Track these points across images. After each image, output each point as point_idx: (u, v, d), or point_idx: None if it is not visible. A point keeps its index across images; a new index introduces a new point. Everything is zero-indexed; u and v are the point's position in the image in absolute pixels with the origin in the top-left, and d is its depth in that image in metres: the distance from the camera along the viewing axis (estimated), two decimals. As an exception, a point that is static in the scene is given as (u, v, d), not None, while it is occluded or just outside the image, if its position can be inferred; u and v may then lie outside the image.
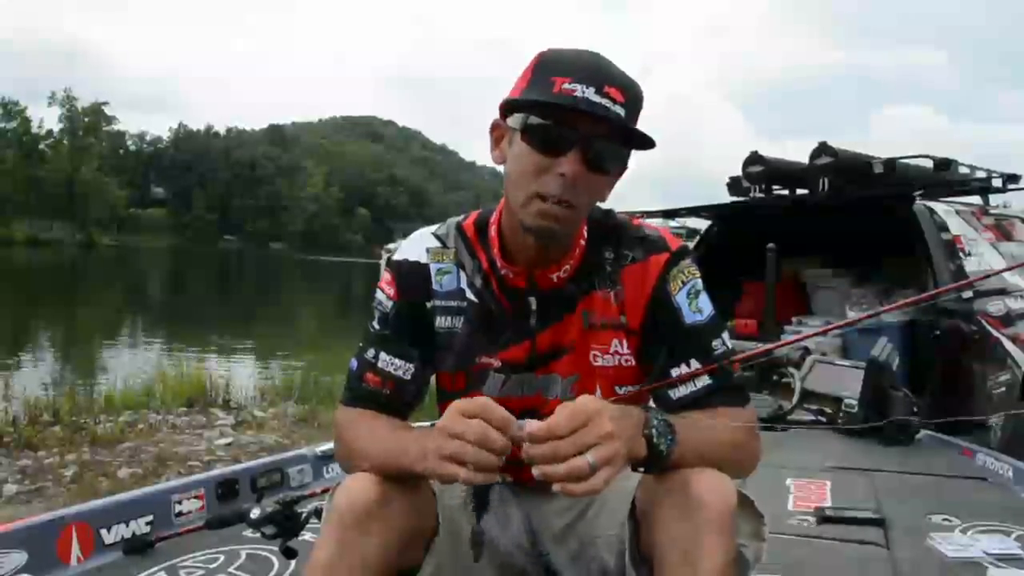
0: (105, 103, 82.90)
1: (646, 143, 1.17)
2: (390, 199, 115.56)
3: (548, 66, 1.14)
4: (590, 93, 1.09)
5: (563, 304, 1.26)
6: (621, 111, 1.11)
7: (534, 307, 1.26)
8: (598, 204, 1.30)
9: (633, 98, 1.14)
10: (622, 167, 1.21)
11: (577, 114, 1.11)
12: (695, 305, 1.25)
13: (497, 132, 1.22)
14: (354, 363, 1.31)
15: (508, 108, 1.18)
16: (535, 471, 0.99)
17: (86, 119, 79.26)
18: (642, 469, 1.12)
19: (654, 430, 1.08)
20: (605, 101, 1.10)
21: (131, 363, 8.61)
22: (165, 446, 4.49)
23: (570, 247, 1.25)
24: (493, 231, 1.28)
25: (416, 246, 1.32)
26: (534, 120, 1.14)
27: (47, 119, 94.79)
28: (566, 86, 1.10)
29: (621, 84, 1.12)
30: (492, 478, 1.01)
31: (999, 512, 2.52)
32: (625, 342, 1.26)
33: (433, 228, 1.35)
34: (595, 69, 1.12)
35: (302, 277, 42.40)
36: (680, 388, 1.22)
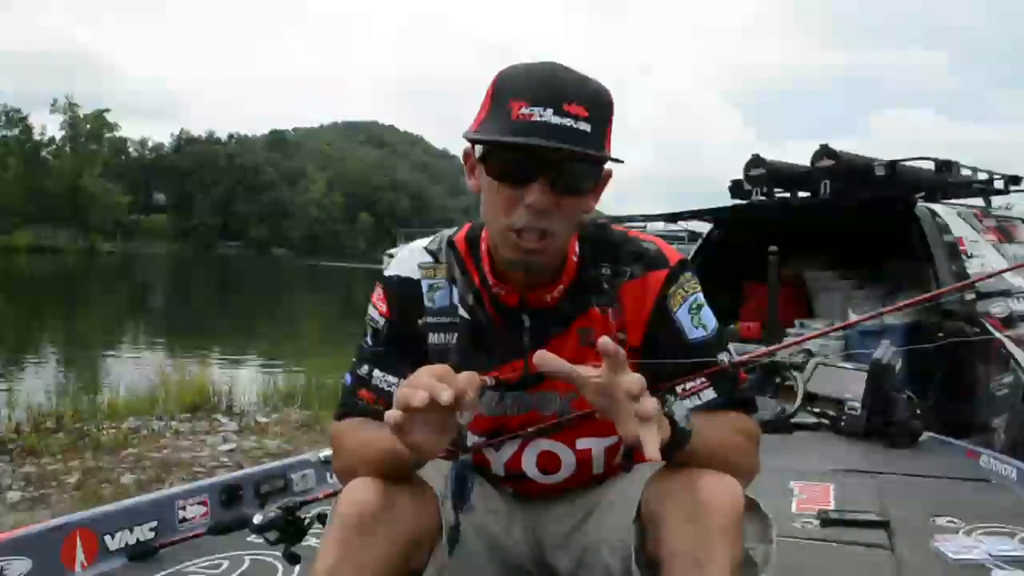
0: (107, 110, 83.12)
1: (614, 159, 1.13)
2: (392, 204, 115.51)
3: (506, 89, 1.10)
4: (548, 115, 1.05)
5: (558, 322, 1.24)
6: (586, 127, 1.07)
7: (527, 325, 1.24)
8: (592, 217, 1.28)
9: (598, 109, 1.09)
10: (597, 182, 1.17)
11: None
12: (697, 320, 1.24)
13: (469, 161, 1.19)
14: (348, 379, 1.30)
15: (472, 141, 1.15)
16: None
17: (88, 126, 79.39)
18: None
19: (674, 408, 1.08)
20: (566, 121, 1.05)
21: (134, 369, 8.61)
22: (168, 452, 4.49)
23: (559, 269, 1.23)
24: (484, 247, 1.26)
25: (408, 262, 1.30)
26: (494, 153, 1.11)
27: (49, 126, 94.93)
28: (523, 111, 1.06)
29: (582, 98, 1.07)
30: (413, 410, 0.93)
31: (1003, 514, 2.51)
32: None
33: (425, 242, 1.33)
34: (553, 86, 1.07)
35: (304, 282, 42.40)
36: (686, 402, 1.21)
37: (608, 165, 1.18)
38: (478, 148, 1.15)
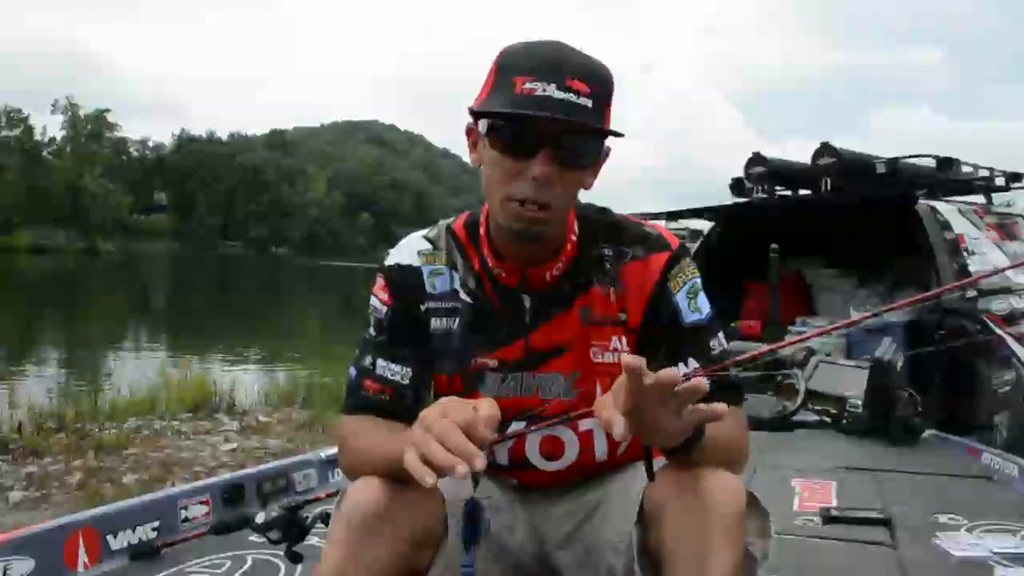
0: (107, 110, 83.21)
1: (615, 132, 1.15)
2: (393, 203, 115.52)
3: (509, 65, 1.13)
4: (552, 90, 1.08)
5: (559, 302, 1.26)
6: (587, 102, 1.09)
7: (528, 305, 1.25)
8: (593, 202, 1.30)
9: (599, 85, 1.12)
10: (598, 157, 1.19)
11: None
12: (694, 304, 1.25)
13: (472, 136, 1.22)
14: (353, 372, 1.30)
15: (475, 114, 1.17)
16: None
17: (88, 126, 79.44)
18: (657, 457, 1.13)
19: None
20: (569, 96, 1.08)
21: (136, 369, 8.61)
22: (170, 452, 4.50)
23: (559, 245, 1.24)
24: (483, 231, 1.28)
25: (407, 250, 1.31)
26: (499, 124, 1.13)
27: (50, 127, 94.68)
28: (527, 86, 1.08)
29: (584, 74, 1.10)
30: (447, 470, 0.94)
31: (1005, 511, 2.51)
32: (625, 339, 1.26)
33: (424, 231, 1.34)
34: (556, 63, 1.10)
35: (305, 282, 42.40)
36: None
37: (607, 142, 1.19)
38: (482, 123, 1.16)
